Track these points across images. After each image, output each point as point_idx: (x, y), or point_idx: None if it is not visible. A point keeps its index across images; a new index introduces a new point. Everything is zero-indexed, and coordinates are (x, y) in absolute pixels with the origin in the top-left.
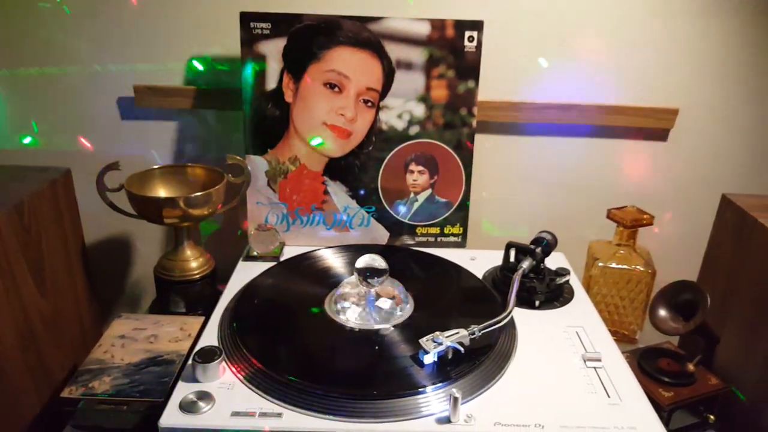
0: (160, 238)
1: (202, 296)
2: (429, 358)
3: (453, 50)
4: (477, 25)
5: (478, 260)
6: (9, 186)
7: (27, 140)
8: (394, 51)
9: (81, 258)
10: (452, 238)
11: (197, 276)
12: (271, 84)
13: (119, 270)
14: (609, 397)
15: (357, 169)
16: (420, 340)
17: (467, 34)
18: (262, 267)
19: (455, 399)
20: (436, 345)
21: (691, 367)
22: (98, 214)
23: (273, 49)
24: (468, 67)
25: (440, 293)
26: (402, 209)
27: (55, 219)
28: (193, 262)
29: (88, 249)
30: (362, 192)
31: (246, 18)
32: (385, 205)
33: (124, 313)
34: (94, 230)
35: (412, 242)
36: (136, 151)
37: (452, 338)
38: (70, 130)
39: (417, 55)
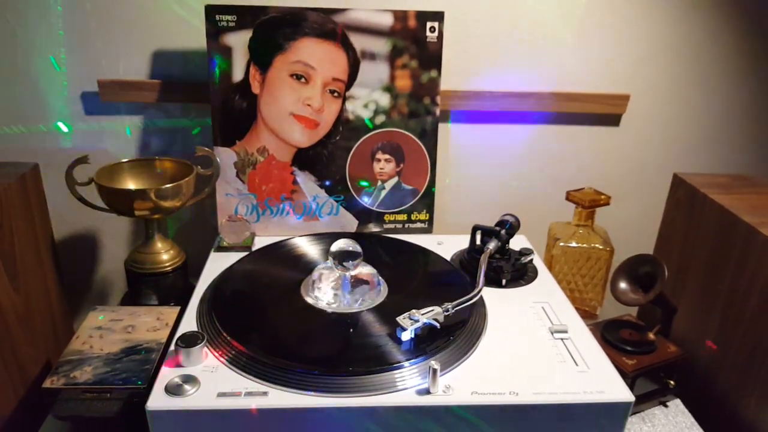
0: (128, 232)
1: (175, 288)
2: (406, 335)
3: (415, 41)
4: (438, 16)
5: (444, 244)
6: None
7: None
8: (359, 42)
9: (51, 253)
10: (419, 224)
11: (169, 268)
12: (237, 76)
13: (87, 265)
14: (577, 365)
15: (325, 158)
16: (397, 318)
17: (429, 24)
18: (234, 257)
19: (434, 371)
20: (412, 322)
21: (651, 336)
22: (65, 209)
23: (239, 41)
24: (430, 57)
25: (411, 276)
26: (368, 198)
27: (25, 214)
28: (165, 254)
29: (56, 244)
30: (330, 181)
31: (211, 10)
32: (353, 194)
33: (99, 306)
34: (61, 225)
35: (380, 229)
36: (102, 145)
37: (428, 315)
38: (34, 126)
39: (381, 46)
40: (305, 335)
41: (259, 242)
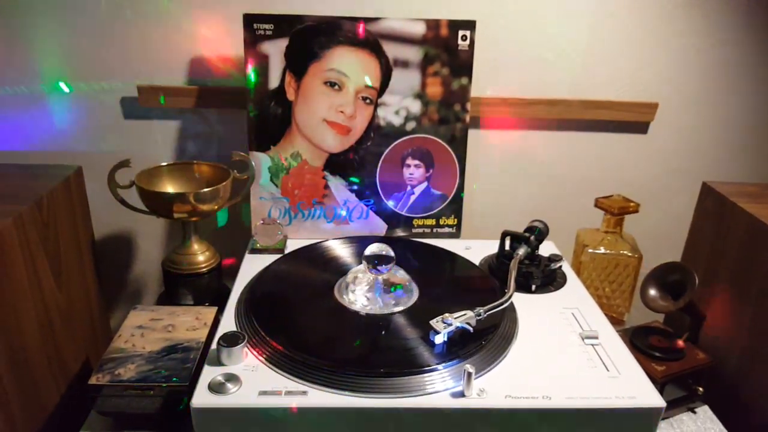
0: (163, 234)
1: (209, 289)
2: (440, 338)
3: (447, 49)
4: (470, 25)
5: (472, 249)
6: (27, 183)
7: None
8: (392, 50)
9: (91, 253)
10: (447, 229)
11: (204, 269)
12: (273, 83)
13: (124, 264)
14: (608, 370)
15: (356, 163)
16: (431, 322)
17: (461, 33)
18: (268, 259)
19: (469, 374)
20: (446, 325)
21: (680, 343)
22: (105, 210)
23: (275, 49)
24: (461, 65)
25: (442, 280)
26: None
27: (69, 215)
28: (200, 255)
29: (96, 244)
30: (361, 186)
31: (249, 19)
32: (383, 198)
33: (139, 305)
34: (100, 226)
35: (408, 233)
36: (140, 149)
37: (461, 319)
38: (74, 129)
39: (413, 54)
40: (341, 336)
41: (291, 245)
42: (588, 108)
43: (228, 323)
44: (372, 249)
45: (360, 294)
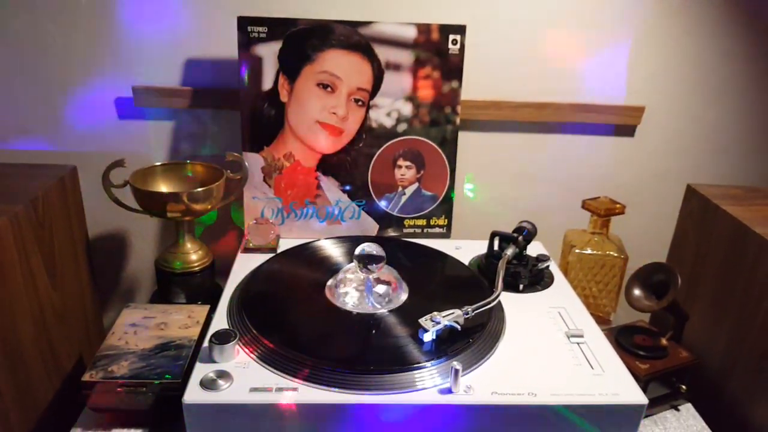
0: (157, 233)
1: (202, 287)
2: (428, 336)
3: (438, 52)
4: (460, 29)
5: (462, 249)
6: (23, 182)
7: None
8: (384, 53)
9: (86, 252)
10: (438, 229)
11: (197, 268)
12: (267, 85)
13: (117, 263)
14: (593, 368)
15: (348, 164)
16: (419, 320)
17: (451, 37)
18: (260, 258)
19: (456, 371)
20: (434, 324)
21: (664, 341)
22: (99, 209)
23: (269, 52)
24: (452, 69)
25: (431, 280)
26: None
27: (64, 214)
28: (193, 254)
29: (90, 243)
30: (353, 186)
31: (244, 22)
32: (375, 199)
33: (132, 303)
34: (94, 225)
35: (399, 233)
36: (134, 149)
37: (449, 318)
38: (69, 129)
39: (405, 57)
40: (332, 335)
41: (284, 244)
42: (576, 111)
43: (220, 321)
44: (363, 248)
45: (350, 293)
